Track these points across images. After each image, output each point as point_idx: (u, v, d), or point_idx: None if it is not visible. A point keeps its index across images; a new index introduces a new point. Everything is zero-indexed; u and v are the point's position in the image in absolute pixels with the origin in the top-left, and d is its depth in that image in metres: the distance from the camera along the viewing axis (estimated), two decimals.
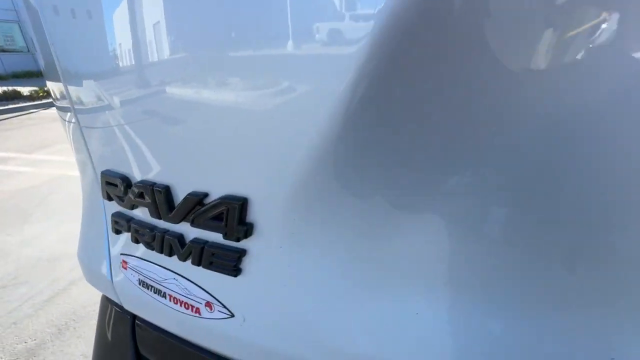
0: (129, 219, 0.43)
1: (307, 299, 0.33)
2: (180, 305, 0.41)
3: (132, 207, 0.41)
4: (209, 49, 0.28)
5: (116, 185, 0.42)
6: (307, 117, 0.26)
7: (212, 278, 0.38)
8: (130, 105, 0.36)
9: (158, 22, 0.28)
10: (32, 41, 0.43)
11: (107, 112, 0.39)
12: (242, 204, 0.32)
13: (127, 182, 0.40)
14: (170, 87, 0.32)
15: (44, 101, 8.83)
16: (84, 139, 0.45)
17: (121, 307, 0.52)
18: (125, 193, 0.41)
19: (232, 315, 0.38)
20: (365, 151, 0.26)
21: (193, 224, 0.35)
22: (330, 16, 0.22)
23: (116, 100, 0.38)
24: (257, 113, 0.28)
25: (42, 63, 0.45)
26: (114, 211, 0.45)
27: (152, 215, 0.39)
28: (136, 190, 0.39)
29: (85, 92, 0.41)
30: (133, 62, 0.33)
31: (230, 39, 0.26)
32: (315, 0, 0.22)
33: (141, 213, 0.41)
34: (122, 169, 0.41)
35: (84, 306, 2.41)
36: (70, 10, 0.35)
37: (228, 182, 0.32)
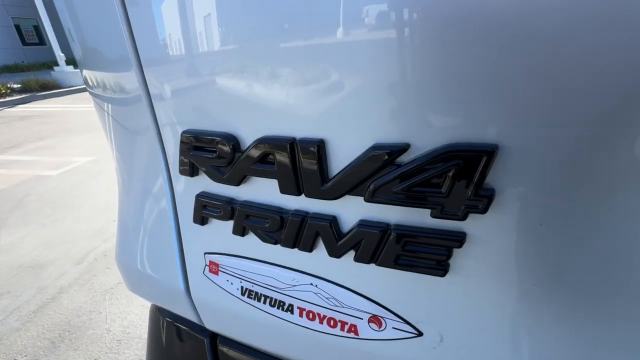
0: (231, 200, 0.29)
1: (578, 310, 0.21)
2: (321, 322, 0.28)
3: (240, 181, 0.27)
4: None
5: (212, 150, 0.27)
6: None
7: (387, 281, 0.25)
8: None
9: None
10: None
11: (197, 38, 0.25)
12: (488, 156, 0.19)
13: (233, 143, 0.26)
14: None
15: (8, 99, 8.30)
16: (147, 91, 0.30)
17: (196, 326, 0.38)
18: (232, 160, 0.27)
19: (419, 334, 0.25)
20: None
21: (374, 197, 0.22)
22: None
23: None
24: None
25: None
26: (198, 191, 0.31)
27: (283, 190, 0.25)
28: (256, 153, 0.25)
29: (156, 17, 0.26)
30: None
31: None
32: None
33: (256, 189, 0.27)
34: (221, 125, 0.27)
35: (79, 315, 2.24)
36: None
37: (456, 122, 0.19)
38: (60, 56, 12.78)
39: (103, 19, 0.31)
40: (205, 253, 0.33)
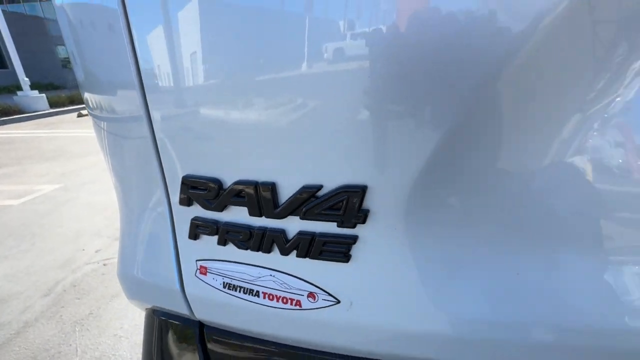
0: (216, 222, 0.43)
1: (420, 274, 0.37)
2: (277, 301, 0.42)
3: (222, 209, 0.42)
4: None
5: (205, 189, 0.42)
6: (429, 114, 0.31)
7: (317, 268, 0.40)
8: (225, 104, 0.38)
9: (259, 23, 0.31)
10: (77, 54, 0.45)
11: (195, 112, 0.40)
12: (362, 191, 0.35)
13: (218, 184, 0.42)
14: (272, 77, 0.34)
15: None
16: (156, 144, 0.45)
17: (186, 319, 0.51)
18: (217, 195, 0.42)
19: (338, 302, 0.40)
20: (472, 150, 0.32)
21: (305, 216, 0.38)
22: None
23: (206, 100, 0.39)
24: (379, 105, 0.33)
25: (97, 73, 0.45)
26: (195, 217, 0.45)
27: (251, 214, 0.40)
28: (233, 191, 0.40)
29: (168, 97, 0.41)
30: (227, 64, 0.35)
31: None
32: None
33: (233, 214, 0.42)
34: (211, 172, 0.42)
35: (47, 349, 2.16)
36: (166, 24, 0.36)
37: (346, 172, 0.36)
38: (24, 80, 12.14)
39: (112, 61, 0.42)
40: (196, 260, 0.47)
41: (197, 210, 0.45)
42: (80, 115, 11.32)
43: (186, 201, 0.44)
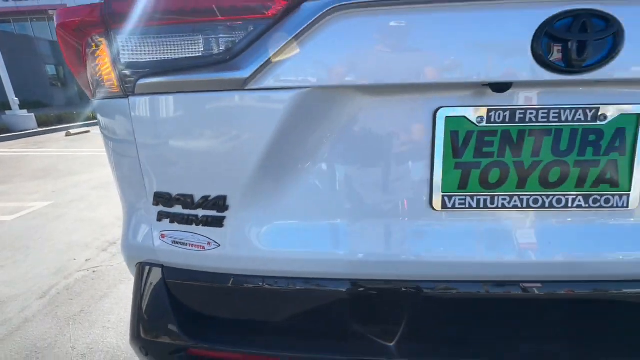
0: (169, 212, 0.98)
1: (255, 228, 0.93)
2: (194, 247, 0.97)
3: (171, 206, 0.97)
4: None
5: (164, 198, 0.97)
6: (243, 159, 0.88)
7: (209, 230, 0.95)
8: (171, 158, 0.94)
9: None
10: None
11: (158, 166, 0.96)
12: (224, 198, 0.91)
13: (170, 195, 0.97)
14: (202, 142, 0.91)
15: None
16: (142, 174, 1.00)
17: (156, 263, 1.05)
18: (169, 200, 0.97)
19: (220, 245, 0.95)
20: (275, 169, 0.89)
21: (204, 209, 0.93)
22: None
23: (162, 158, 0.95)
24: (229, 161, 0.89)
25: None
26: (159, 210, 1.00)
27: (183, 208, 0.96)
28: (176, 199, 0.96)
29: (155, 157, 0.97)
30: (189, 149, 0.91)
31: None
32: None
33: (176, 208, 0.97)
34: (166, 190, 0.97)
35: (44, 339, 2.51)
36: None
37: (217, 190, 0.92)
38: (13, 100, 12.15)
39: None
40: (160, 231, 1.01)
41: (160, 207, 0.99)
42: (68, 134, 11.62)
43: (156, 203, 0.99)
